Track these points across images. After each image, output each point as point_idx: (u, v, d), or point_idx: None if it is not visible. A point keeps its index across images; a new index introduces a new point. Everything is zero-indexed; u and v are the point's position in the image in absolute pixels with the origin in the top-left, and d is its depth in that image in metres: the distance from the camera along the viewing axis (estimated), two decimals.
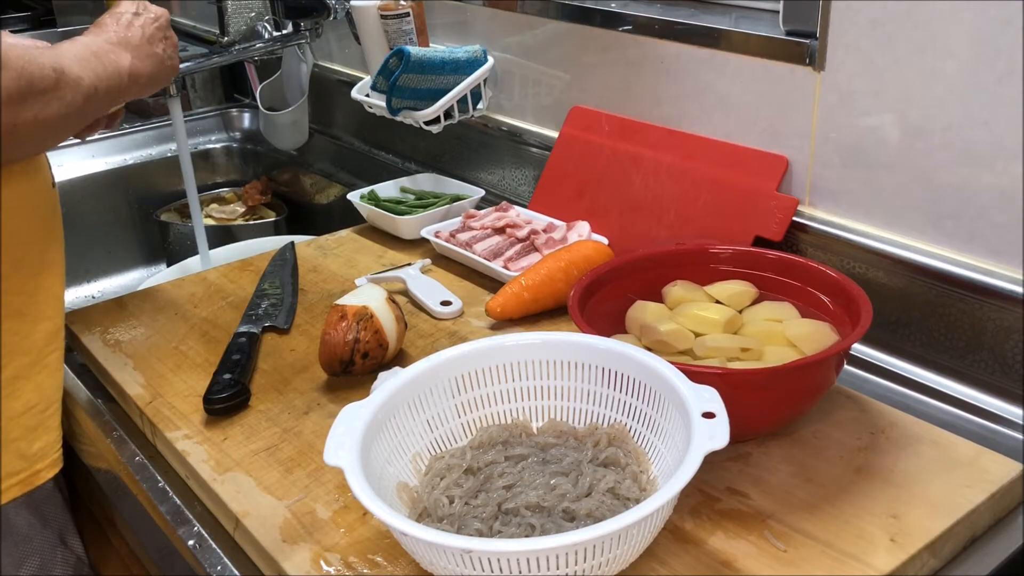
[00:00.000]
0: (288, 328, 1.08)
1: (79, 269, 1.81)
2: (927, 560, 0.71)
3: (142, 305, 1.16)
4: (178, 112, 1.39)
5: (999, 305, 0.88)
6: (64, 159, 1.80)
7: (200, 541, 0.80)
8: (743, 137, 1.10)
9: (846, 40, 0.96)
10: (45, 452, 0.94)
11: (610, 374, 0.77)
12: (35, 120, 0.77)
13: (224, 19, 1.61)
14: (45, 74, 0.77)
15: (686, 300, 0.92)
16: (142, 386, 0.98)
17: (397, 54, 1.32)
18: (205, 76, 2.05)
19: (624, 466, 0.73)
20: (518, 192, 1.44)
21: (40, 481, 0.93)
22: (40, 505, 0.95)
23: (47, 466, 0.94)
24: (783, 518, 0.73)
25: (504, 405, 0.81)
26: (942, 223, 0.93)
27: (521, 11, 1.34)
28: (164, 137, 1.92)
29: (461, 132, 1.48)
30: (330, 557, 0.73)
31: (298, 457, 0.85)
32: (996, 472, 0.77)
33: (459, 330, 1.06)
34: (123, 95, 0.91)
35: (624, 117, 1.23)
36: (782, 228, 1.03)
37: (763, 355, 0.83)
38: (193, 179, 1.39)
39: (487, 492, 0.72)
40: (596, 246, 1.12)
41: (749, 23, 1.09)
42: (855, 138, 0.98)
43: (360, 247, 1.31)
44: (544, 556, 0.59)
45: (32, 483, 0.93)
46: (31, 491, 0.93)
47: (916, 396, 0.93)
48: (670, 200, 1.15)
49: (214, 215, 1.85)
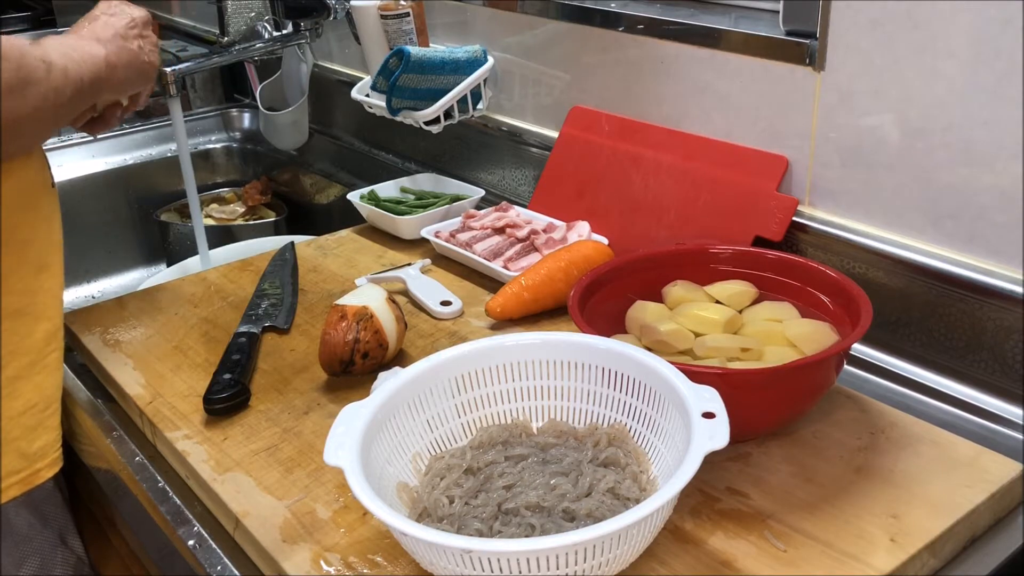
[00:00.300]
0: (288, 328, 1.08)
1: (79, 269, 1.81)
2: (927, 560, 0.71)
3: (142, 305, 1.16)
4: (178, 112, 1.39)
5: (999, 305, 0.88)
6: (64, 159, 1.80)
7: (200, 541, 0.80)
8: (743, 137, 1.10)
9: (846, 40, 0.96)
10: (45, 451, 0.94)
11: (610, 374, 0.77)
12: (35, 111, 0.78)
13: (224, 19, 1.61)
14: (37, 65, 0.78)
15: (686, 300, 0.92)
16: (142, 386, 0.98)
17: (397, 54, 1.32)
18: (205, 76, 2.05)
19: (624, 466, 0.73)
20: (518, 192, 1.44)
21: (40, 480, 0.94)
22: (40, 505, 0.96)
23: (47, 465, 0.94)
24: (783, 518, 0.73)
25: (504, 405, 0.81)
26: (942, 223, 0.93)
27: (521, 11, 1.34)
28: (164, 137, 1.92)
29: (461, 132, 1.48)
30: (330, 557, 0.73)
31: (298, 457, 0.85)
32: (996, 472, 0.77)
33: (459, 330, 1.06)
34: (105, 85, 0.92)
35: (624, 117, 1.23)
36: (782, 228, 1.03)
37: (763, 355, 0.83)
38: (193, 179, 1.39)
39: (487, 492, 0.72)
40: (596, 246, 1.12)
41: (749, 23, 1.09)
42: (855, 138, 0.98)
43: (360, 247, 1.31)
44: (544, 556, 0.59)
45: (32, 482, 0.93)
46: (31, 491, 0.93)
47: (916, 396, 0.93)
48: (670, 200, 1.15)
49: (214, 215, 1.85)
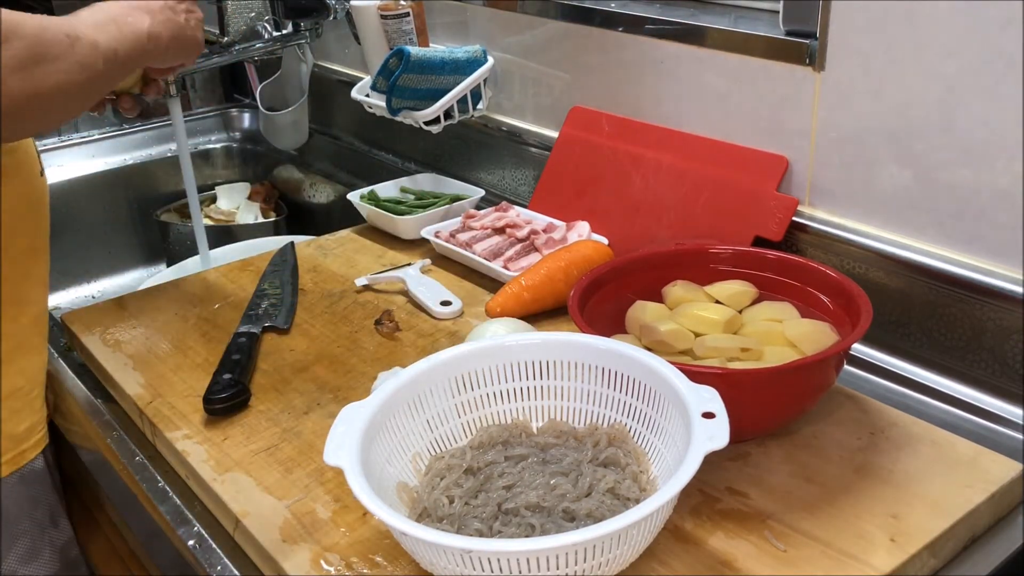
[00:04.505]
0: (288, 328, 1.08)
1: (79, 269, 1.81)
2: (927, 560, 0.71)
3: (142, 305, 1.16)
4: (178, 112, 1.39)
5: (999, 305, 0.88)
6: (64, 159, 1.80)
7: (200, 541, 0.80)
8: (743, 137, 1.10)
9: (846, 40, 0.96)
10: (31, 432, 0.97)
11: (610, 374, 0.77)
12: (57, 86, 0.78)
13: (224, 19, 1.61)
14: (59, 39, 0.79)
15: (686, 300, 0.92)
16: (142, 386, 0.98)
17: (397, 54, 1.32)
18: (205, 76, 2.05)
19: (624, 466, 0.73)
20: (518, 192, 1.44)
21: (26, 460, 0.97)
22: (31, 486, 0.98)
23: (33, 445, 0.98)
24: (783, 518, 0.73)
25: (504, 405, 0.81)
26: (942, 223, 0.93)
27: (521, 11, 1.34)
28: (164, 137, 1.92)
29: (461, 132, 1.48)
30: (330, 557, 0.73)
31: (298, 457, 0.85)
32: (996, 472, 0.77)
33: (459, 330, 1.06)
34: (145, 58, 0.92)
35: (624, 117, 1.23)
36: (782, 228, 1.03)
37: (763, 355, 0.83)
38: (193, 179, 1.39)
39: (487, 492, 0.72)
40: (596, 246, 1.12)
41: (749, 23, 1.09)
42: (855, 138, 0.98)
43: (360, 247, 1.31)
44: (544, 556, 0.59)
45: (19, 462, 0.96)
46: (22, 473, 0.96)
47: (916, 396, 0.93)
48: (670, 200, 1.15)
49: (213, 215, 1.85)
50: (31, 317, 0.96)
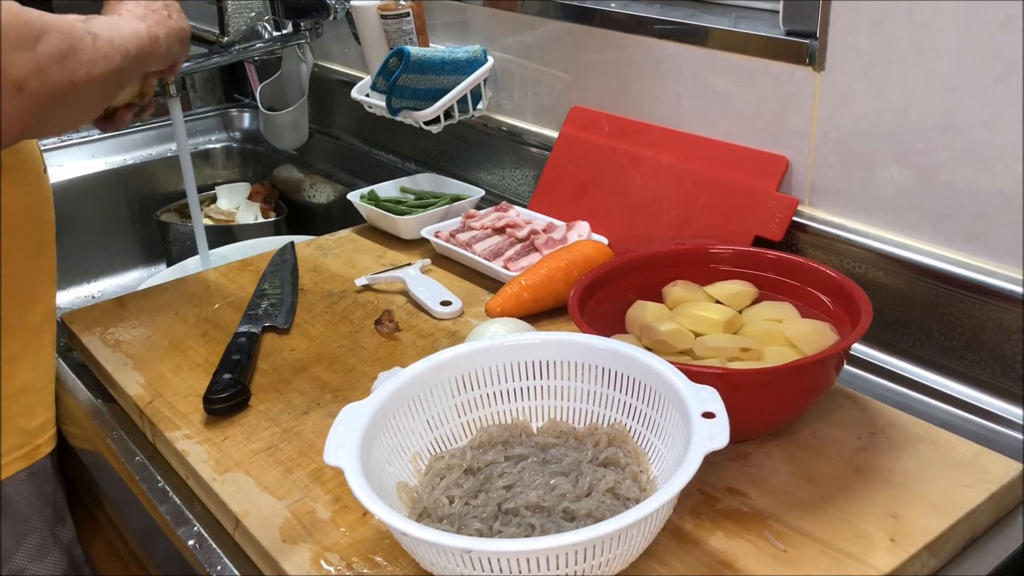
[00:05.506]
0: (288, 328, 1.08)
1: (79, 269, 1.80)
2: (927, 560, 0.71)
3: (142, 305, 1.16)
4: (178, 112, 1.39)
5: (999, 305, 0.88)
6: (64, 159, 1.80)
7: (200, 541, 0.80)
8: (743, 137, 1.10)
9: (846, 40, 0.96)
10: (44, 428, 0.99)
11: (610, 374, 0.77)
12: (88, 77, 0.80)
13: (224, 19, 1.61)
14: (83, 35, 0.80)
15: (686, 300, 0.92)
16: (142, 386, 0.98)
17: (397, 54, 1.32)
18: (205, 76, 2.05)
19: (624, 466, 0.73)
20: (518, 192, 1.44)
21: (41, 455, 0.97)
22: (40, 483, 0.98)
23: (46, 441, 0.99)
24: (783, 518, 0.73)
25: (504, 405, 0.81)
26: (942, 223, 0.93)
27: (521, 11, 1.34)
28: (164, 137, 1.92)
29: (461, 132, 1.48)
30: (330, 557, 0.73)
31: (298, 457, 0.85)
32: (996, 472, 0.77)
33: (459, 330, 1.06)
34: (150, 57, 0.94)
35: (624, 117, 1.23)
36: (782, 228, 1.03)
37: (763, 355, 0.83)
38: (193, 179, 1.39)
39: (487, 492, 0.72)
40: (596, 246, 1.12)
41: (749, 23, 1.09)
42: (855, 138, 0.98)
43: (360, 247, 1.31)
44: (544, 556, 0.59)
45: (33, 457, 0.97)
46: (33, 470, 0.96)
47: (916, 396, 0.93)
48: (670, 200, 1.15)
49: (213, 215, 1.85)
50: (41, 314, 0.97)
